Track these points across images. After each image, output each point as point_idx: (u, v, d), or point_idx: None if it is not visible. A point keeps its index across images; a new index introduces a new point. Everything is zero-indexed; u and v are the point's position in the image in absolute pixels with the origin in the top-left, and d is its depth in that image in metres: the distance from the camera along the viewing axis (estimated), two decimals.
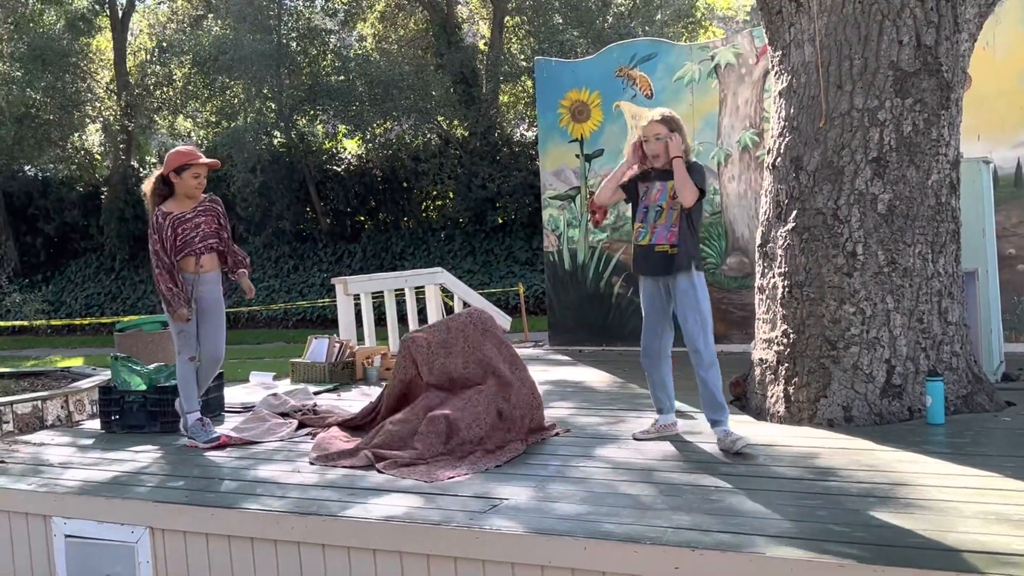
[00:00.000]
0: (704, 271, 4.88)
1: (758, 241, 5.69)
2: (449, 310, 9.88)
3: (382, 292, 8.99)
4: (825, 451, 4.60)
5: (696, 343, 4.74)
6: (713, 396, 4.76)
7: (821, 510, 3.67)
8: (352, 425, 5.62)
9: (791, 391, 5.30)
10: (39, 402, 7.54)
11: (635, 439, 4.99)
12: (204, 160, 5.55)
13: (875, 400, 5.11)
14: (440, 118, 21.13)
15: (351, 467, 4.74)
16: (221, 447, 5.37)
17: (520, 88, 21.76)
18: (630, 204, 5.02)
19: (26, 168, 25.39)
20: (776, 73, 5.67)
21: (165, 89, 23.77)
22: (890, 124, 5.18)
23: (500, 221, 20.30)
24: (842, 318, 5.17)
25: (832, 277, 5.20)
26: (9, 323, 19.50)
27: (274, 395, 6.46)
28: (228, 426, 5.93)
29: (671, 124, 4.83)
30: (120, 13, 24.10)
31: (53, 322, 20.45)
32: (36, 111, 22.61)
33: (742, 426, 5.24)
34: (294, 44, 21.28)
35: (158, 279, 5.46)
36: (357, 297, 8.62)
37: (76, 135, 24.54)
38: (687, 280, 4.76)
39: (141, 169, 24.97)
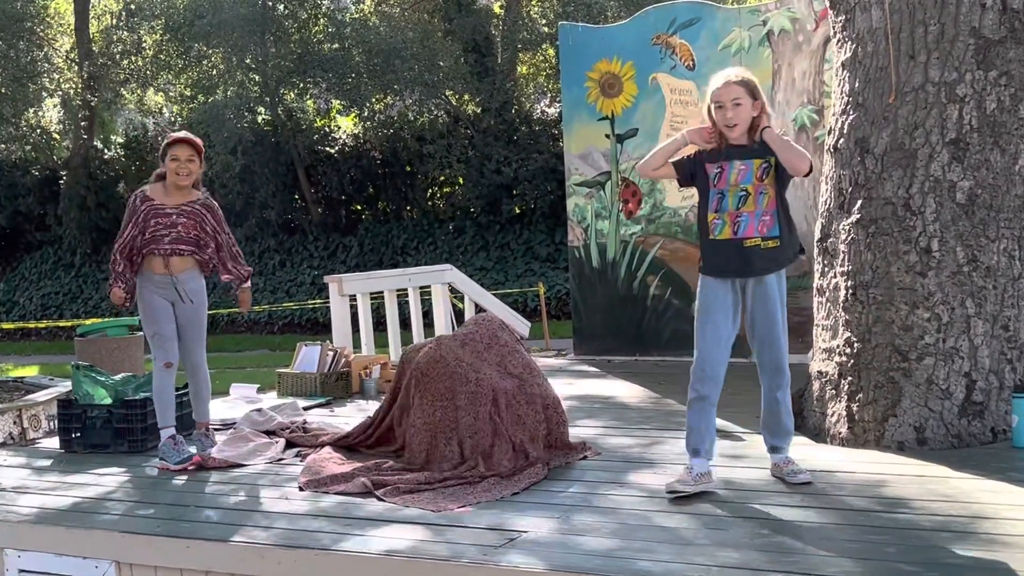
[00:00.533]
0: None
1: (817, 235, 5.68)
2: (458, 312, 9.91)
3: (382, 292, 9.02)
4: (894, 478, 4.59)
5: (780, 360, 4.56)
6: (781, 420, 4.65)
7: (890, 547, 3.66)
8: (347, 444, 5.65)
9: (855, 409, 5.29)
10: None
11: (671, 493, 4.44)
12: (177, 135, 5.64)
13: (952, 420, 5.10)
14: (449, 92, 21.16)
15: (346, 493, 4.76)
16: (196, 468, 5.40)
17: (541, 58, 21.77)
18: (692, 190, 4.74)
19: None
20: (838, 41, 5.66)
21: (133, 58, 23.88)
22: (971, 100, 5.16)
23: (517, 211, 20.33)
24: (914, 325, 5.15)
25: (903, 277, 5.19)
26: None
27: (258, 410, 6.49)
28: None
29: (751, 88, 4.50)
30: None
31: (4, 325, 20.59)
32: None
33: (798, 449, 5.23)
34: (281, 7, 21.35)
35: (114, 255, 5.63)
36: (353, 298, 8.65)
37: (31, 111, 24.70)
38: (776, 280, 4.54)
39: (105, 150, 25.13)
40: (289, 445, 5.86)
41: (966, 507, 4.11)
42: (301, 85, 21.44)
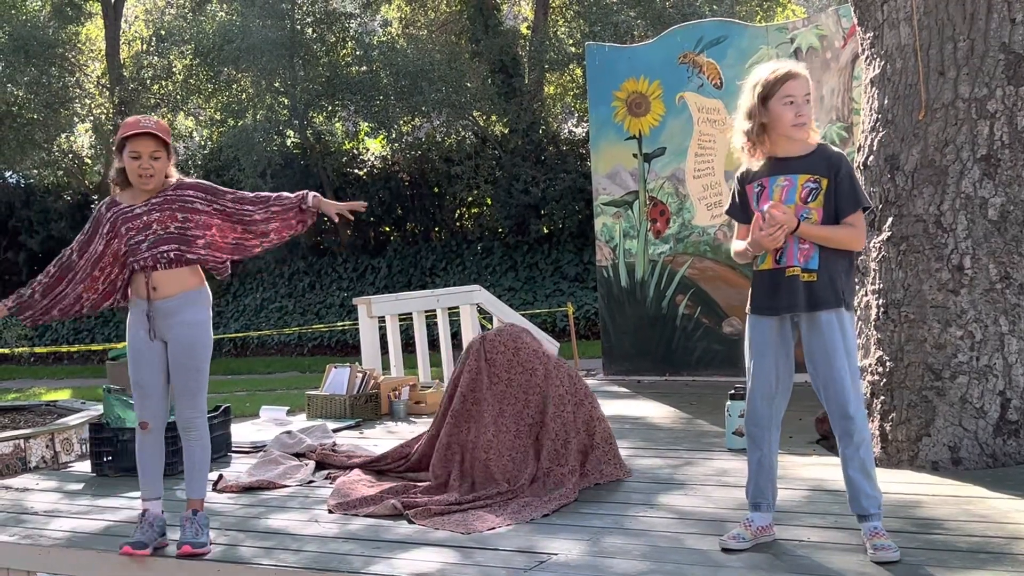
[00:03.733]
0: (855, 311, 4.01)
1: None
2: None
3: (410, 314, 9.03)
4: (928, 499, 4.55)
5: (845, 404, 3.86)
6: (851, 480, 3.92)
7: (924, 568, 3.63)
8: (378, 469, 5.64)
9: (888, 429, 5.24)
10: (21, 441, 7.66)
11: (724, 550, 3.99)
12: (143, 127, 4.37)
13: (987, 439, 5.04)
14: (476, 113, 21.22)
15: (375, 516, 4.76)
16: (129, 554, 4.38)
17: (568, 78, 21.80)
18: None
19: (7, 174, 25.85)
20: (867, 58, 5.64)
21: (163, 83, 24.11)
22: (1001, 116, 5.13)
23: (546, 231, 20.32)
24: (947, 343, 5.11)
25: (935, 295, 5.15)
26: None
27: (288, 433, 6.50)
28: (236, 469, 5.98)
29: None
30: None
31: (37, 349, 20.74)
32: (18, 109, 23.01)
33: (830, 469, 5.20)
34: (310, 31, 21.50)
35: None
36: (382, 320, 8.67)
37: (63, 136, 24.94)
38: (831, 321, 3.87)
39: None
40: (319, 467, 5.87)
41: (1002, 528, 4.06)
42: (329, 108, 21.57)
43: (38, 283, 4.61)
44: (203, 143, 24.90)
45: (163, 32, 23.75)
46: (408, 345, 9.19)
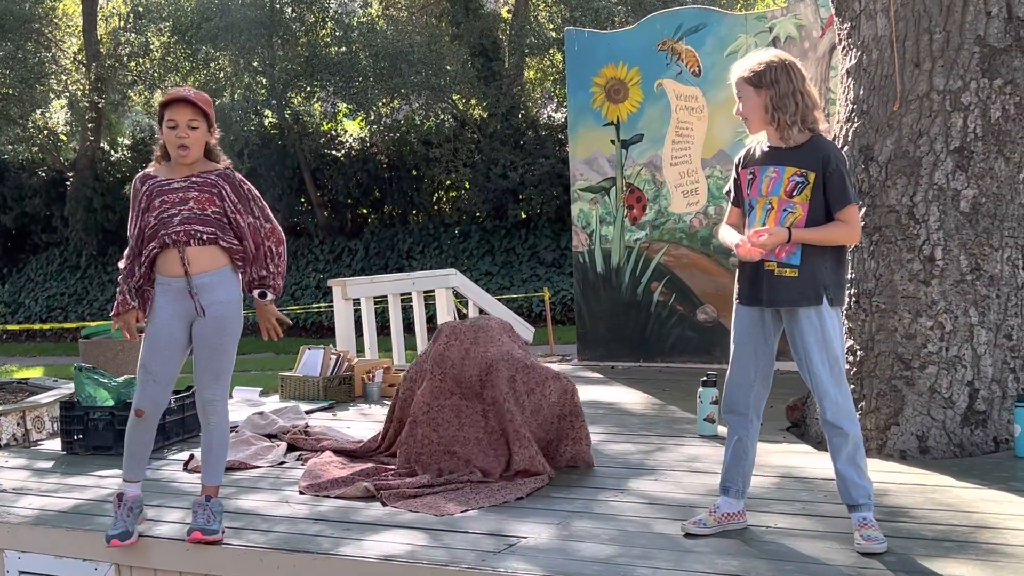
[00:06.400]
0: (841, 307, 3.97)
1: None
2: (462, 318, 9.91)
3: (386, 296, 9.02)
4: (895, 487, 4.58)
5: (825, 398, 3.89)
6: (836, 471, 3.93)
7: (890, 556, 3.66)
8: (349, 454, 5.63)
9: (858, 417, 5.27)
10: None
11: (687, 535, 4.01)
12: (179, 93, 4.29)
13: (955, 429, 5.09)
14: (455, 96, 21.18)
15: (346, 497, 4.76)
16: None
17: (548, 63, 21.78)
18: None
19: None
20: (844, 48, 5.66)
21: (140, 60, 23.92)
22: (975, 108, 5.16)
23: (523, 216, 20.32)
24: (918, 333, 5.15)
25: (906, 285, 5.19)
26: None
27: (260, 414, 6.50)
28: None
29: (754, 78, 3.86)
30: None
31: (9, 327, 20.62)
32: None
33: (800, 456, 5.24)
34: (289, 10, 21.38)
35: (124, 261, 4.42)
36: (357, 302, 8.66)
37: (39, 112, 24.73)
38: (810, 316, 3.86)
39: (112, 152, 25.16)
40: (291, 449, 5.87)
41: (968, 517, 4.10)
42: (308, 88, 21.48)
43: (129, 277, 4.36)
44: None
45: (141, 9, 23.57)
46: (383, 328, 9.17)
